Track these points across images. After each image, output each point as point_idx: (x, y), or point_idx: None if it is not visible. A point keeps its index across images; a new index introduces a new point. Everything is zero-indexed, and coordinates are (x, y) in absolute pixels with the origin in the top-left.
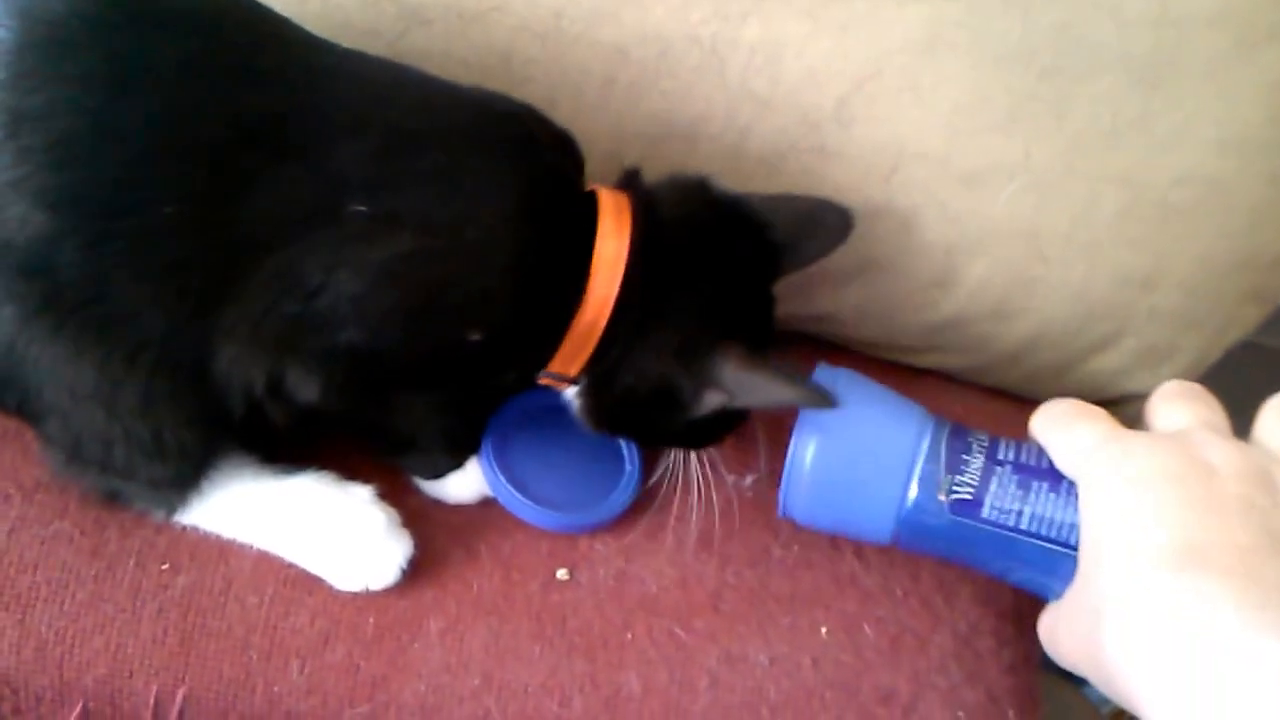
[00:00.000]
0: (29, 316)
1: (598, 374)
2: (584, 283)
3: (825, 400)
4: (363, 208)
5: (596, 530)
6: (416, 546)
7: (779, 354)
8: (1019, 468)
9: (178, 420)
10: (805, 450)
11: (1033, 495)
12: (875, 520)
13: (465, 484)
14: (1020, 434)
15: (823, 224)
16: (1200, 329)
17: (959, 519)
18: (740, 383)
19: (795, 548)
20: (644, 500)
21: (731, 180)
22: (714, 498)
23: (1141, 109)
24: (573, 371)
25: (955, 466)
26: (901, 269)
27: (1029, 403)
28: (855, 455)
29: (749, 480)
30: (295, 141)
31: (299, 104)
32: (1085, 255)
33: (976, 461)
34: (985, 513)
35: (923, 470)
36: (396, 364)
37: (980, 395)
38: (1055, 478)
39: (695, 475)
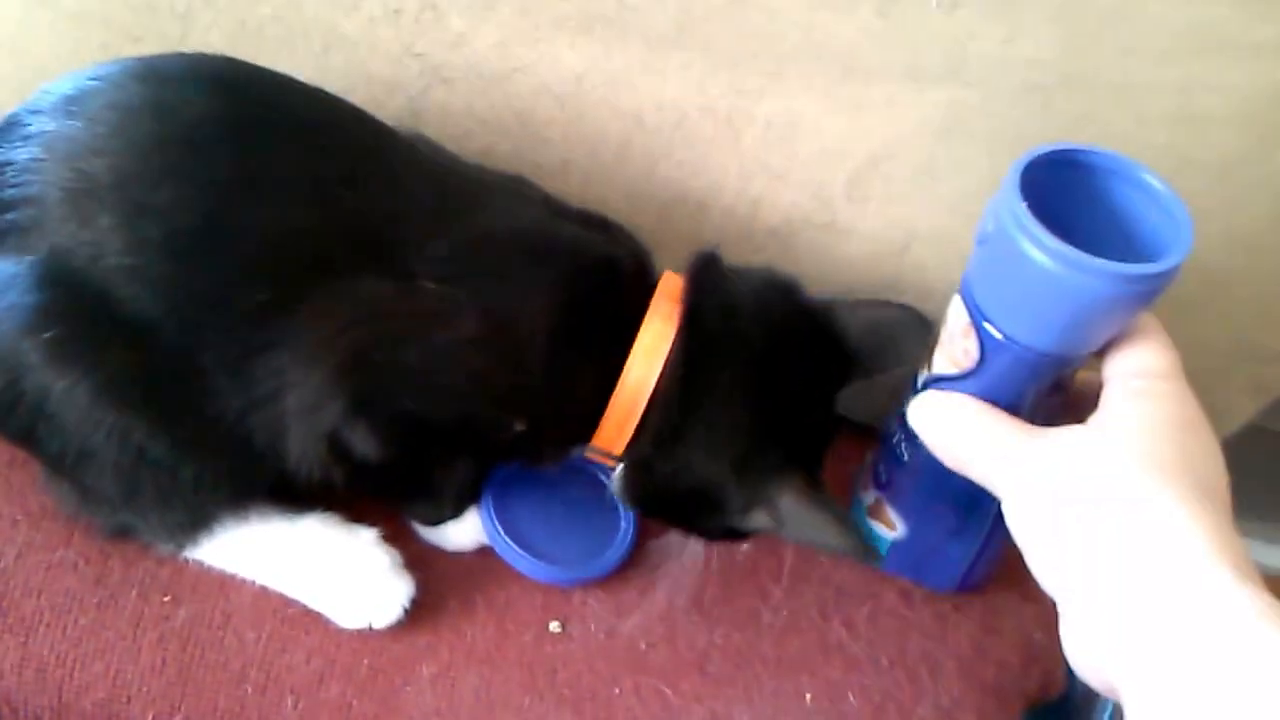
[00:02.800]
0: (94, 373)
1: (638, 457)
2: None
3: (872, 555)
4: (432, 286)
5: (590, 585)
6: (415, 590)
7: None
8: None
9: (214, 473)
10: None
11: None
12: None
13: (464, 532)
14: None
15: (901, 335)
16: None
17: None
18: (794, 515)
19: (784, 613)
20: (638, 558)
21: (742, 250)
22: (708, 561)
23: None
24: (617, 451)
25: None
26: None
27: None
28: None
29: (744, 546)
30: (384, 240)
31: (389, 209)
32: None
33: None
34: None
35: None
36: (445, 432)
37: None
38: None
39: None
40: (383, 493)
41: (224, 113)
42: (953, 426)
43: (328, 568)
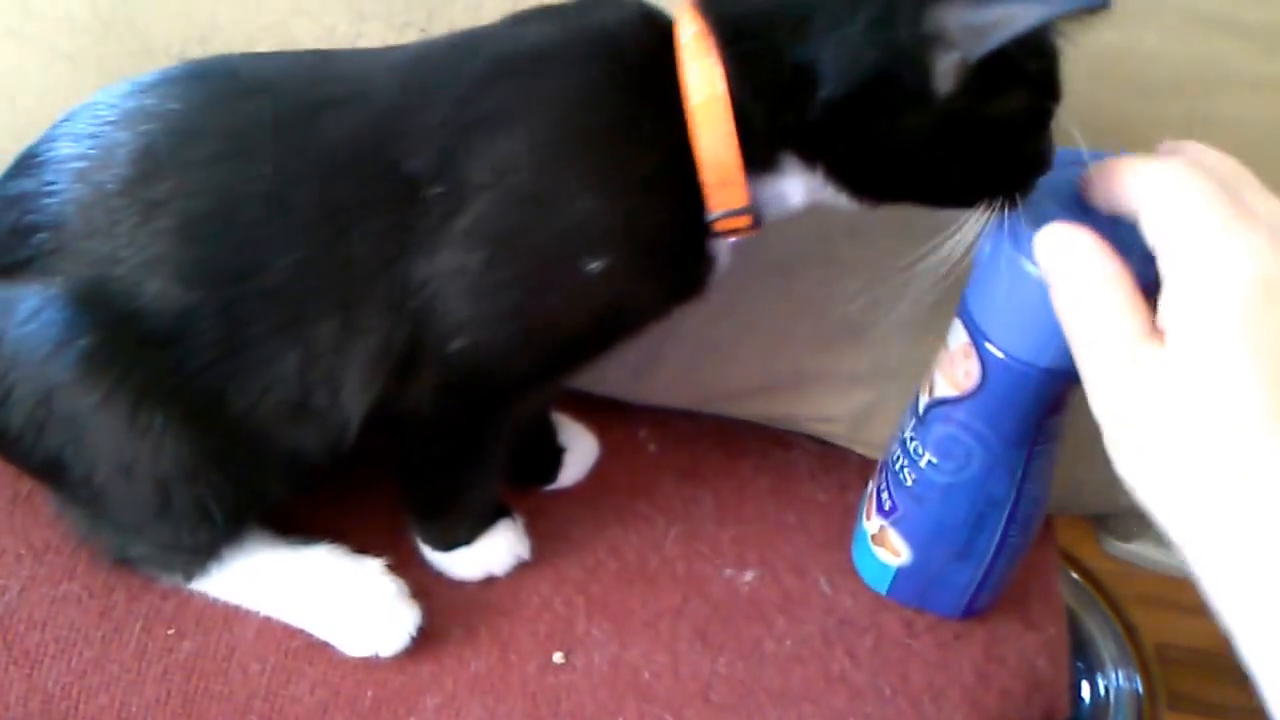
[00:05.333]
0: (127, 381)
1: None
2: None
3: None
4: (439, 189)
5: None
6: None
7: None
8: None
9: (225, 488)
10: None
11: None
12: None
13: (475, 560)
14: None
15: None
16: None
17: None
18: (971, 17)
19: (788, 642)
20: (643, 588)
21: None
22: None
23: None
24: (741, 197)
25: None
26: (908, 377)
27: None
28: None
29: (747, 575)
30: (377, 160)
31: (371, 132)
32: None
33: None
34: None
35: None
36: (517, 338)
37: None
38: None
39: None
40: (413, 497)
41: (209, 98)
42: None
43: (334, 596)
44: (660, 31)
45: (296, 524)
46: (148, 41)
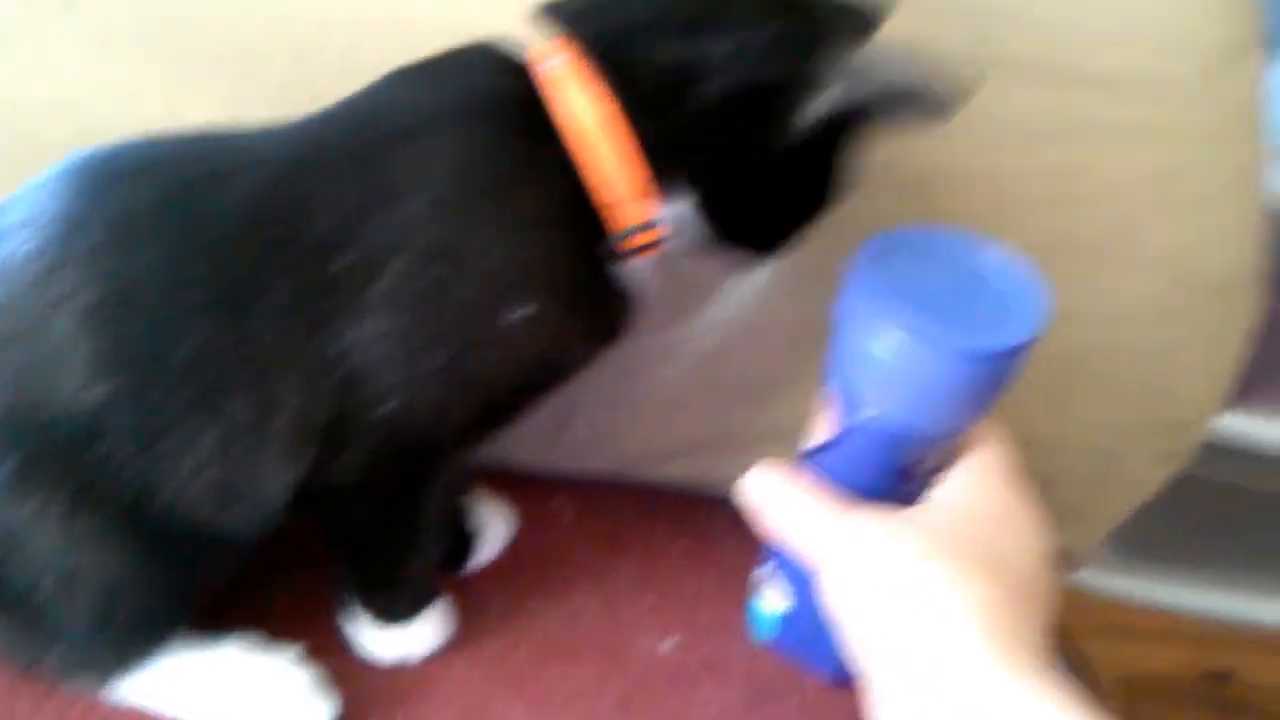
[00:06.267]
0: (59, 495)
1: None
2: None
3: (949, 101)
4: (348, 257)
5: (512, 699)
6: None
7: None
8: None
9: (167, 588)
10: None
11: None
12: None
13: (404, 640)
14: None
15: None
16: (1112, 489)
17: None
18: (873, 60)
19: (712, 708)
20: (562, 662)
21: None
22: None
23: None
24: (641, 212)
25: None
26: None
27: None
28: None
29: (668, 642)
30: (276, 232)
31: (267, 204)
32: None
33: None
34: None
35: None
36: (448, 398)
37: None
38: None
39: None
40: (356, 554)
41: (93, 187)
42: (775, 499)
43: (247, 691)
44: (520, 69)
45: (208, 612)
46: (37, 139)
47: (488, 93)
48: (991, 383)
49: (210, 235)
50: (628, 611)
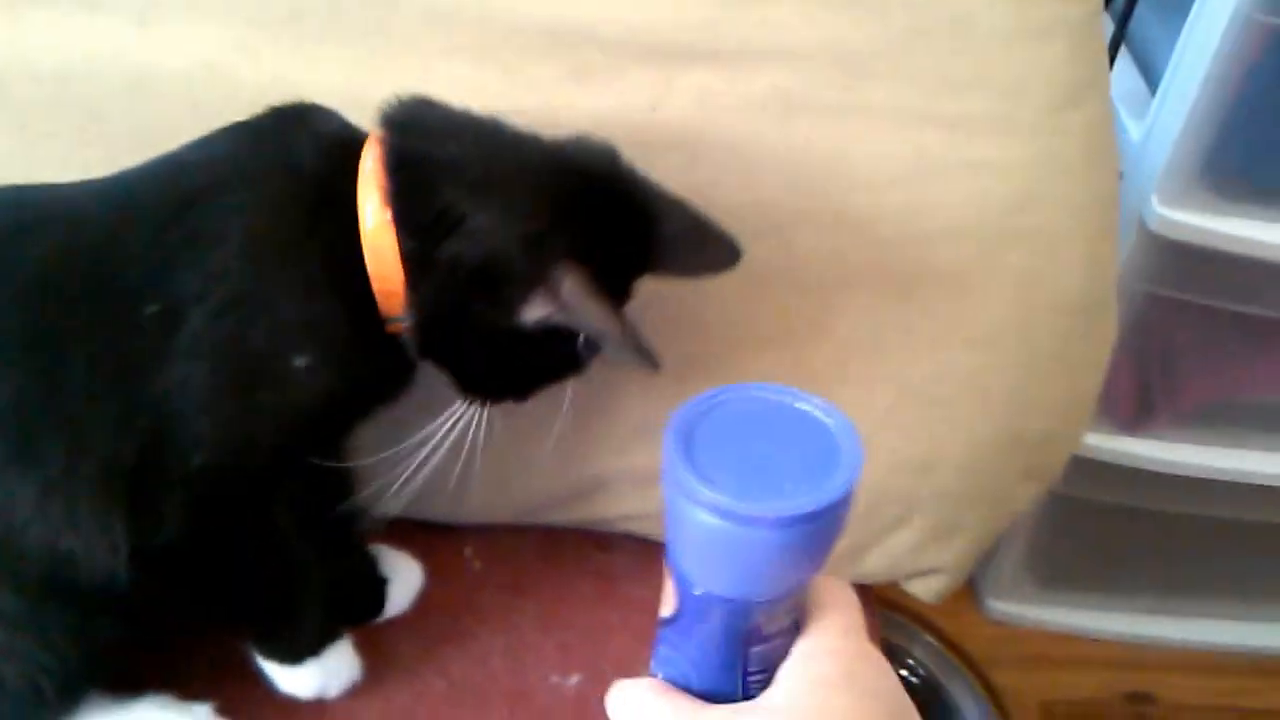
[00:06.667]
0: None
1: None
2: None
3: (650, 360)
4: (155, 307)
5: None
6: None
7: None
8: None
9: (47, 657)
10: None
11: None
12: None
13: (314, 677)
14: None
15: (712, 247)
16: (981, 506)
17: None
18: (575, 299)
19: None
20: (471, 706)
21: None
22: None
23: (900, 315)
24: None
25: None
26: None
27: None
28: None
29: (573, 680)
30: (88, 283)
31: (80, 255)
32: (866, 447)
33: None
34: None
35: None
36: (250, 437)
37: None
38: None
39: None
40: (233, 604)
41: None
42: (632, 707)
43: None
44: (350, 150)
45: (124, 673)
46: None
47: (300, 159)
48: (818, 538)
49: (22, 288)
50: (533, 653)
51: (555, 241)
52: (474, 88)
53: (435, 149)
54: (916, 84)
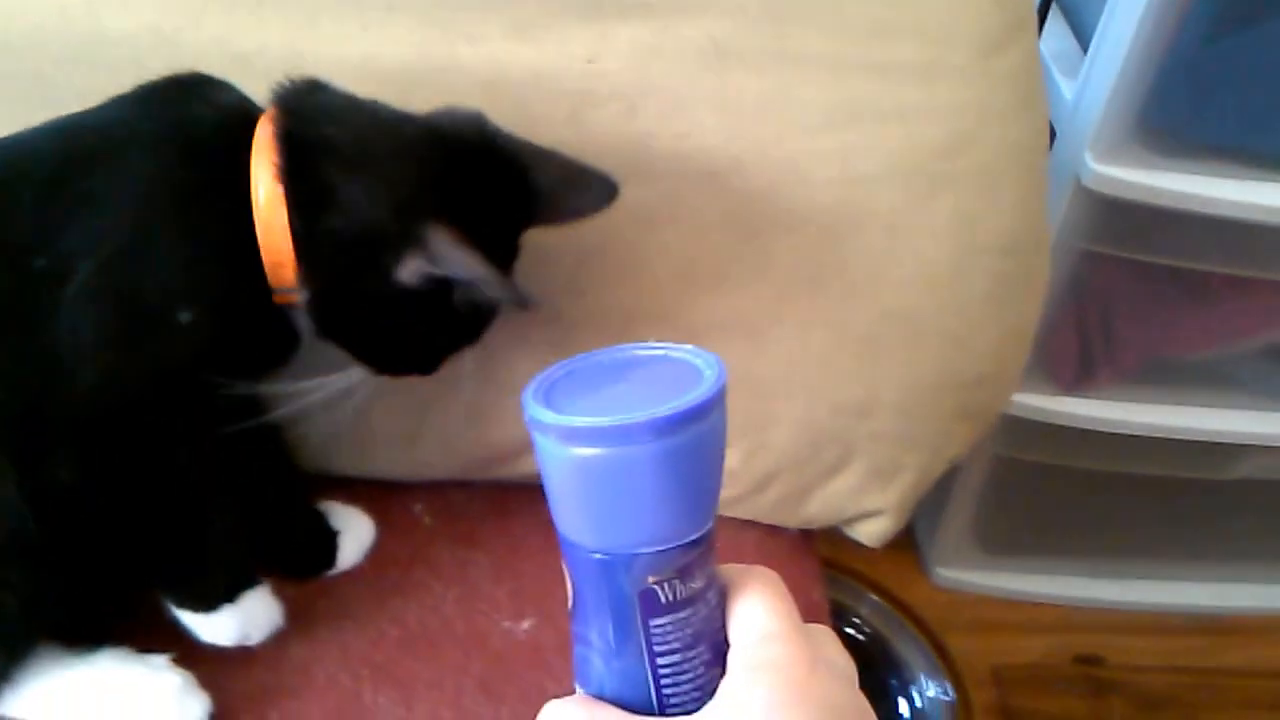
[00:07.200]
0: None
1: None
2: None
3: (526, 302)
4: (42, 261)
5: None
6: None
7: None
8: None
9: (11, 607)
10: None
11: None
12: None
13: (233, 623)
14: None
15: (587, 188)
16: (920, 448)
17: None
18: (447, 253)
19: (568, 683)
20: (425, 651)
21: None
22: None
23: (836, 257)
24: (292, 279)
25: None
26: None
27: (779, 531)
28: None
29: (525, 624)
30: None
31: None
32: (804, 391)
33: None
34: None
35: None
36: (135, 385)
37: (733, 526)
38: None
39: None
40: (147, 564)
41: None
42: None
43: (122, 696)
44: (246, 124)
45: (81, 627)
46: None
47: (196, 128)
48: (681, 461)
49: None
50: (485, 601)
51: (422, 203)
52: (415, 44)
53: (320, 129)
54: (846, 31)
